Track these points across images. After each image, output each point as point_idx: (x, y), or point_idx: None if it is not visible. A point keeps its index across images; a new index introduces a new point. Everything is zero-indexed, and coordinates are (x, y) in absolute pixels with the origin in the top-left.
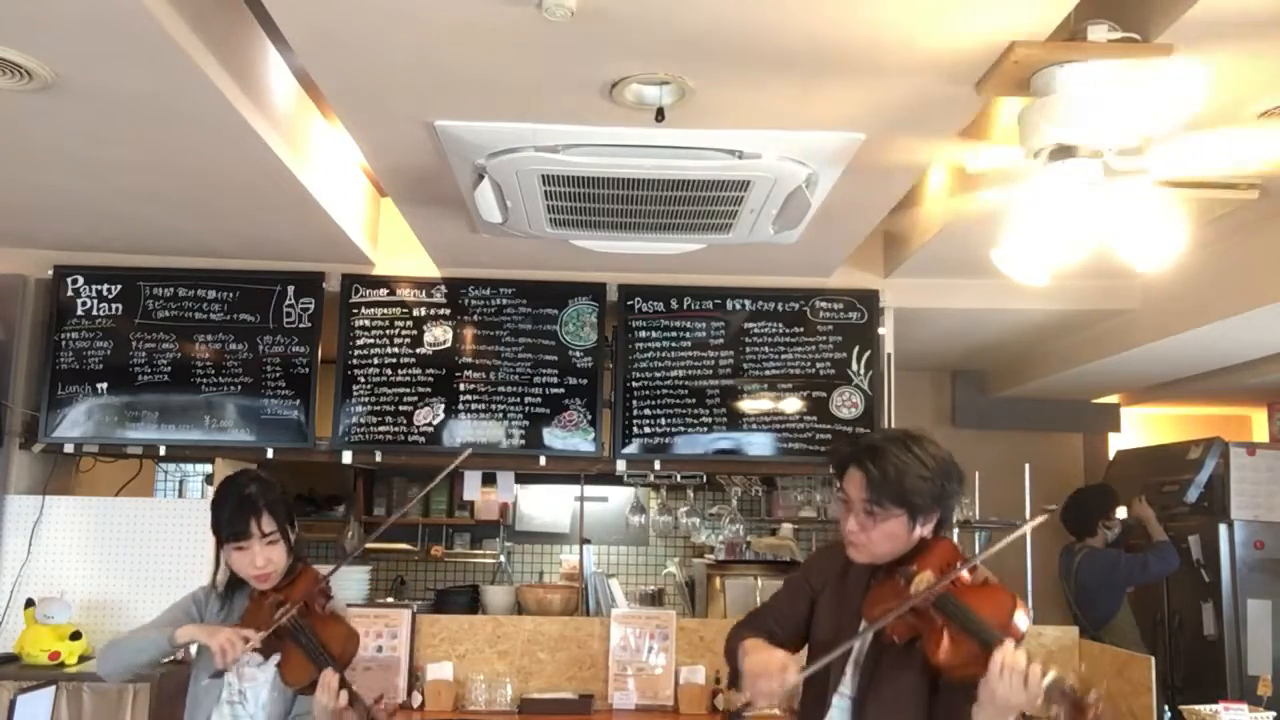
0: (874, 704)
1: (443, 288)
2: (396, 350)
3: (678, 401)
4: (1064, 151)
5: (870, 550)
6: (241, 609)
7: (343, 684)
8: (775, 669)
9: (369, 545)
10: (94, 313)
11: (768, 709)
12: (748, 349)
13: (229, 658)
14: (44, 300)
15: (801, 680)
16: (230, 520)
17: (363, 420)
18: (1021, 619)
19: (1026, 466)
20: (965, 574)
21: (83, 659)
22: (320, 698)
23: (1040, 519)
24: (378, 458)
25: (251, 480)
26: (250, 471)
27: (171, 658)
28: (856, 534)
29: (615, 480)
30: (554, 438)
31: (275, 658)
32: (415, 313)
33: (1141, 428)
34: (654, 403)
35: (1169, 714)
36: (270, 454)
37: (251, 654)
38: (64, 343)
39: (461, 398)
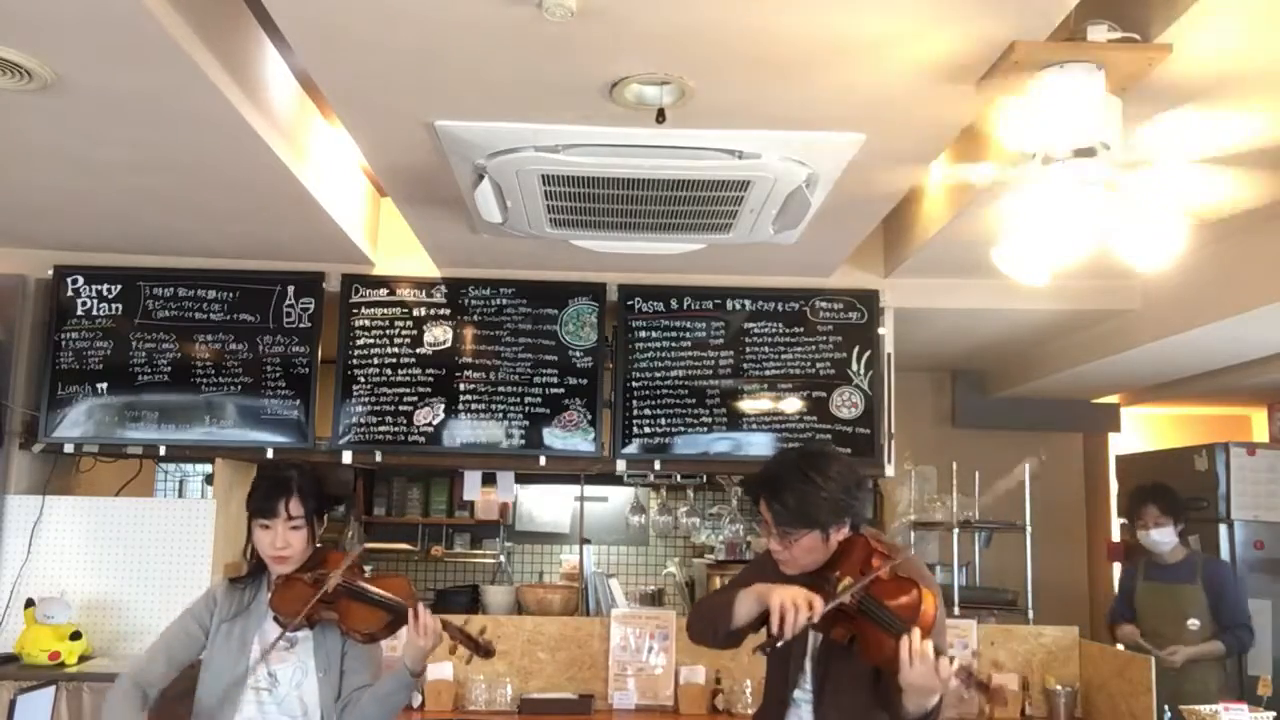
0: (831, 694)
1: (443, 288)
2: (396, 350)
3: (678, 401)
4: (1064, 151)
5: (796, 564)
6: (255, 597)
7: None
8: (803, 602)
9: (369, 545)
10: (94, 313)
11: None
12: (748, 349)
13: None
14: (44, 300)
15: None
16: (263, 496)
17: (363, 420)
18: (929, 608)
19: (1026, 466)
20: (877, 564)
21: (83, 659)
22: (417, 640)
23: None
24: (378, 458)
25: (292, 466)
26: (294, 460)
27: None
28: (780, 552)
29: (615, 480)
30: (554, 438)
31: (314, 635)
32: (415, 313)
33: (1141, 428)
34: (654, 403)
35: (1169, 714)
36: (270, 454)
37: (286, 633)
38: (64, 343)
39: (461, 398)
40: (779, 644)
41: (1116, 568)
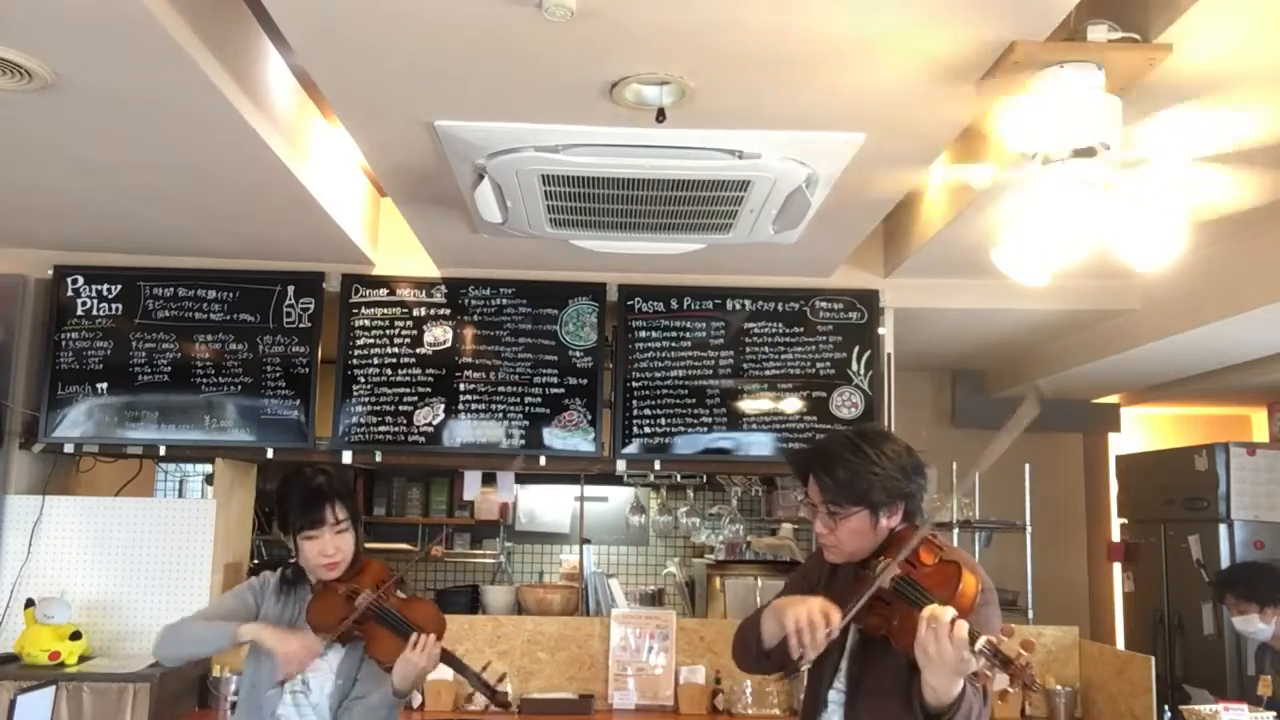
0: (864, 695)
1: (443, 288)
2: (396, 350)
3: (678, 401)
4: (1064, 151)
5: (841, 549)
6: (301, 601)
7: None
8: (819, 616)
9: (368, 545)
10: (94, 313)
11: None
12: (748, 349)
13: (293, 669)
14: (44, 300)
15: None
16: (304, 509)
17: (363, 420)
18: (968, 587)
19: (1026, 466)
20: (924, 556)
21: (83, 659)
22: (411, 656)
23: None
24: (378, 458)
25: (319, 472)
26: (315, 465)
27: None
28: (825, 535)
29: (615, 480)
30: (554, 438)
31: (345, 648)
32: (415, 313)
33: (1141, 428)
34: (654, 403)
35: (1169, 714)
36: (270, 454)
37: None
38: (64, 343)
39: (461, 398)
40: (802, 665)
41: (1117, 568)
